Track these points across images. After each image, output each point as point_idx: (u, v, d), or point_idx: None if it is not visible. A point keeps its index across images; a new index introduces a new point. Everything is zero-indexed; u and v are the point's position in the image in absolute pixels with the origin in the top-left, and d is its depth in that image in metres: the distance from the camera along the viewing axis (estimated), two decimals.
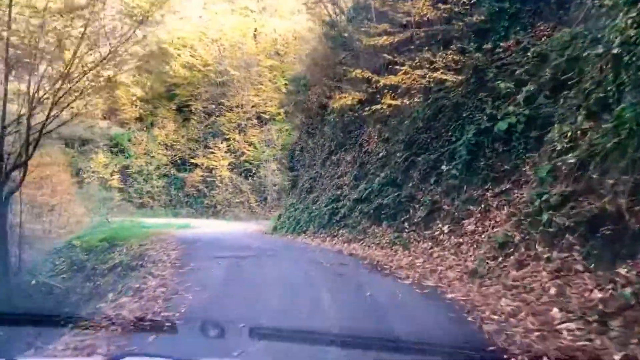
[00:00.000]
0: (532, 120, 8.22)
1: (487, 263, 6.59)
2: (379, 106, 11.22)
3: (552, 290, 4.97)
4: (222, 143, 37.78)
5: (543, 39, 9.26)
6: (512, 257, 6.17)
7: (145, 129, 39.86)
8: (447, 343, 4.06)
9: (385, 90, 11.38)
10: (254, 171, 37.55)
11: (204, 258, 9.70)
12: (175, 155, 38.49)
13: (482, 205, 8.51)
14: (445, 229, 9.15)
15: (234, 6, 43.65)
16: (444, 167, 10.03)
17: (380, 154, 12.86)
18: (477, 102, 9.81)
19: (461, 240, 8.47)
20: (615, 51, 5.50)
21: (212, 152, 37.58)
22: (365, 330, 4.70)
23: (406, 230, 10.23)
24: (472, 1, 10.49)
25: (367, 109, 12.11)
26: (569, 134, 6.14)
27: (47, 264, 16.41)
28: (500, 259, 6.42)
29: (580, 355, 3.61)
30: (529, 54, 9.13)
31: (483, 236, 7.87)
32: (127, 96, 41.43)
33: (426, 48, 10.97)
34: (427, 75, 10.32)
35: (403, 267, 8.24)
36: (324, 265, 8.69)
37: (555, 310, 4.54)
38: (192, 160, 37.81)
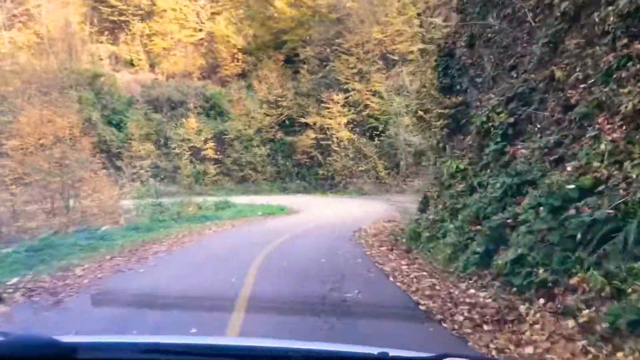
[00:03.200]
0: None
1: None
2: None
3: None
4: (338, 95, 28.95)
5: None
6: None
7: (247, 87, 32.67)
8: None
9: None
10: (380, 129, 28.13)
11: None
12: (280, 115, 30.70)
13: None
14: None
15: None
16: None
17: None
18: None
19: None
20: None
21: (327, 108, 29.06)
22: None
23: None
24: None
25: None
26: None
27: None
28: None
29: None
30: None
31: None
32: (227, 49, 34.74)
33: None
34: None
35: None
36: None
37: None
38: (302, 120, 29.68)
